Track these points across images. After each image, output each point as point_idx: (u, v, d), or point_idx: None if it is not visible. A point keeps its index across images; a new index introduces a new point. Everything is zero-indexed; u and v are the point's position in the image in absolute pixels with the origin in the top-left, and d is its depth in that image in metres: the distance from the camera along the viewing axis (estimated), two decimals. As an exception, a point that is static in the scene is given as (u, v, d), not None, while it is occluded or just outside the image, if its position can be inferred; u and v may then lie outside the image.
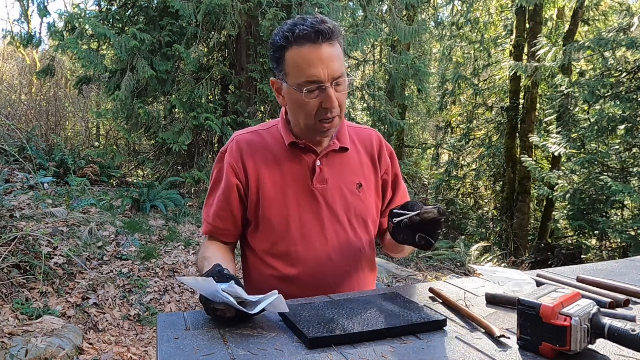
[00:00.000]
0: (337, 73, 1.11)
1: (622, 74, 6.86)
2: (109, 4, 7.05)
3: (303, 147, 1.23)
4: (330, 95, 1.11)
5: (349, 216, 1.25)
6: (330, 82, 1.11)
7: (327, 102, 1.12)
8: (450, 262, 7.01)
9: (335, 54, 1.12)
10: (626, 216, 7.94)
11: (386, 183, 1.35)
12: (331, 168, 1.24)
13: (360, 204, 1.27)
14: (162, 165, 7.53)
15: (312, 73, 1.10)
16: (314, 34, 1.09)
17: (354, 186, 1.26)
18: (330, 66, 1.10)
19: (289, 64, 1.13)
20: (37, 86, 8.79)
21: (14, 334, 2.66)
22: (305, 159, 1.23)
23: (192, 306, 3.71)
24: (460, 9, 11.33)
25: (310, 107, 1.13)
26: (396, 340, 0.85)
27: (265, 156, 1.24)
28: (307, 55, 1.10)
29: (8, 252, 3.29)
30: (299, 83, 1.12)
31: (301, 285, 1.20)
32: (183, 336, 0.86)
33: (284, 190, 1.22)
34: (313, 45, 1.09)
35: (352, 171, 1.27)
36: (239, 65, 6.69)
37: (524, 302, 0.79)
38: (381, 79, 9.27)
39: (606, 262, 1.44)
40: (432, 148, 12.88)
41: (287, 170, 1.23)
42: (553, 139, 7.31)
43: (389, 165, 1.34)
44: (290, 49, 1.12)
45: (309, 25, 1.10)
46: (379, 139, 1.36)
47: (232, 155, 1.24)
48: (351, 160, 1.28)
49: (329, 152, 1.24)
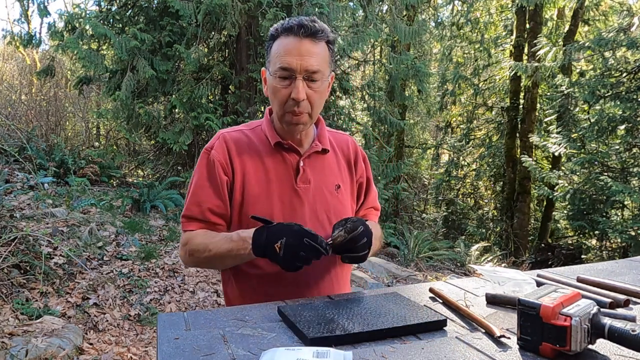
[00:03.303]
0: (311, 67, 1.15)
1: (622, 74, 6.86)
2: (109, 4, 7.05)
3: (287, 147, 1.26)
4: (297, 85, 1.15)
5: (328, 215, 1.27)
6: (302, 74, 1.15)
7: (294, 92, 1.16)
8: (450, 262, 7.01)
9: (314, 50, 1.16)
10: (626, 216, 7.93)
11: (361, 186, 1.41)
12: (313, 169, 1.28)
13: (339, 205, 1.31)
14: (162, 165, 7.53)
15: (286, 60, 1.15)
16: (297, 27, 1.15)
17: (333, 187, 1.31)
18: (305, 59, 1.15)
19: (272, 52, 1.20)
20: (37, 86, 8.79)
21: (14, 334, 2.66)
22: (289, 159, 1.26)
23: (192, 306, 3.71)
24: (460, 9, 11.34)
25: (280, 94, 1.18)
26: (396, 340, 0.85)
27: (250, 155, 1.25)
28: (287, 45, 1.16)
29: (8, 252, 3.29)
30: (274, 69, 1.17)
31: (283, 283, 1.22)
32: (183, 336, 0.86)
33: (269, 188, 1.24)
34: (295, 37, 1.16)
35: (331, 172, 1.32)
36: (239, 65, 6.69)
37: (524, 302, 0.79)
38: (381, 79, 9.27)
39: (606, 262, 1.44)
40: (432, 148, 12.88)
41: (271, 169, 1.25)
42: (553, 139, 7.31)
43: (364, 169, 1.41)
44: (277, 39, 1.19)
45: (297, 20, 1.17)
46: (354, 144, 1.42)
47: (220, 152, 1.25)
48: (330, 162, 1.33)
49: (311, 153, 1.28)
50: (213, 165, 1.24)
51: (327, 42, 1.20)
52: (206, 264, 1.28)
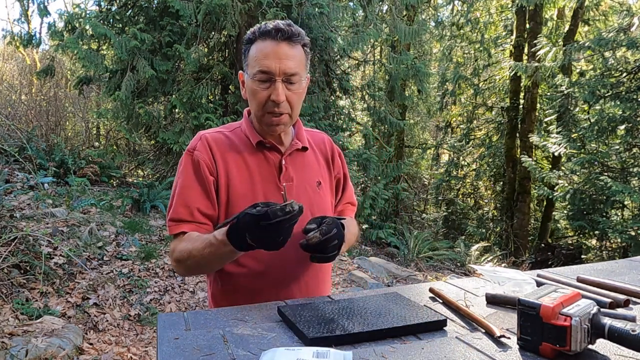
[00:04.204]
0: (289, 70, 1.18)
1: (622, 74, 6.86)
2: (109, 4, 7.05)
3: (269, 146, 1.28)
4: (277, 88, 1.18)
5: (312, 212, 1.29)
6: (281, 76, 1.18)
7: (274, 95, 1.18)
8: (450, 262, 7.01)
9: (292, 53, 1.20)
10: (626, 216, 7.94)
11: (339, 182, 1.45)
12: (294, 166, 1.30)
13: (321, 201, 1.34)
14: (162, 165, 7.53)
15: (265, 64, 1.18)
16: (274, 31, 1.18)
17: (315, 184, 1.34)
18: (284, 62, 1.18)
19: (250, 56, 1.22)
20: (37, 86, 8.79)
21: (14, 334, 2.66)
22: (271, 158, 1.28)
23: (192, 306, 3.71)
24: (460, 9, 11.35)
25: (260, 96, 1.20)
26: (396, 340, 0.85)
27: (232, 155, 1.27)
28: (265, 49, 1.19)
29: (8, 252, 3.29)
30: (254, 72, 1.20)
31: (270, 280, 1.24)
32: (183, 336, 0.86)
33: (253, 187, 1.25)
34: (272, 40, 1.19)
35: (312, 170, 1.35)
36: (239, 65, 6.69)
37: (524, 302, 0.79)
38: (381, 79, 9.27)
39: (606, 262, 1.44)
40: (432, 148, 12.88)
41: (254, 168, 1.26)
42: (553, 139, 7.32)
43: (340, 165, 1.45)
44: (254, 42, 1.22)
45: (274, 24, 1.20)
46: (330, 141, 1.45)
47: (204, 153, 1.25)
48: (310, 159, 1.36)
49: (292, 151, 1.30)
50: (198, 166, 1.24)
51: (303, 45, 1.23)
52: (196, 270, 1.26)
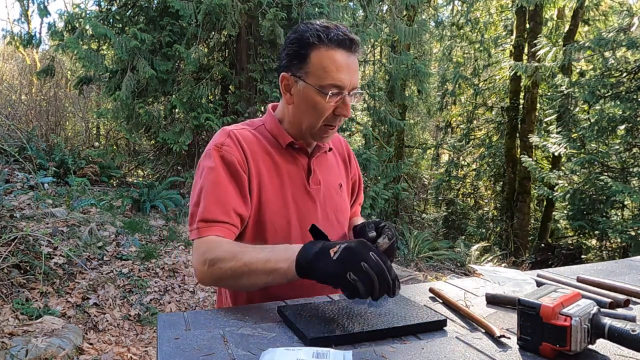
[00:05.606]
0: (356, 84, 1.14)
1: (622, 74, 6.86)
2: (109, 4, 7.05)
3: (298, 147, 1.23)
4: (347, 103, 1.13)
5: (336, 215, 1.28)
6: (349, 90, 1.13)
7: (342, 110, 1.14)
8: (450, 262, 7.01)
9: (357, 66, 1.15)
10: (626, 216, 7.94)
11: (355, 183, 1.43)
12: (320, 169, 1.27)
13: (343, 204, 1.32)
14: (162, 165, 7.54)
15: (339, 77, 1.10)
16: (349, 41, 1.11)
17: (337, 186, 1.31)
18: (354, 76, 1.13)
19: (315, 63, 1.11)
20: (37, 86, 8.79)
21: (14, 334, 2.66)
22: (300, 160, 1.24)
23: (192, 306, 3.71)
24: (460, 9, 11.35)
25: (325, 110, 1.14)
26: (396, 340, 0.85)
27: (262, 155, 1.19)
28: (339, 60, 1.10)
29: (8, 252, 3.29)
30: (322, 85, 1.11)
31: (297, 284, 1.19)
32: (183, 336, 0.86)
33: (283, 191, 1.20)
34: (346, 52, 1.11)
35: (334, 172, 1.33)
36: (239, 65, 6.69)
37: (524, 302, 0.79)
38: (381, 79, 9.27)
39: (606, 262, 1.44)
40: (432, 148, 12.89)
41: (284, 171, 1.21)
42: (553, 139, 7.31)
43: (355, 167, 1.43)
44: (320, 48, 1.11)
45: (343, 32, 1.12)
46: (345, 142, 1.43)
47: (235, 149, 1.15)
48: (332, 161, 1.34)
49: (319, 153, 1.27)
50: (230, 162, 1.13)
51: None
52: (230, 278, 1.03)
